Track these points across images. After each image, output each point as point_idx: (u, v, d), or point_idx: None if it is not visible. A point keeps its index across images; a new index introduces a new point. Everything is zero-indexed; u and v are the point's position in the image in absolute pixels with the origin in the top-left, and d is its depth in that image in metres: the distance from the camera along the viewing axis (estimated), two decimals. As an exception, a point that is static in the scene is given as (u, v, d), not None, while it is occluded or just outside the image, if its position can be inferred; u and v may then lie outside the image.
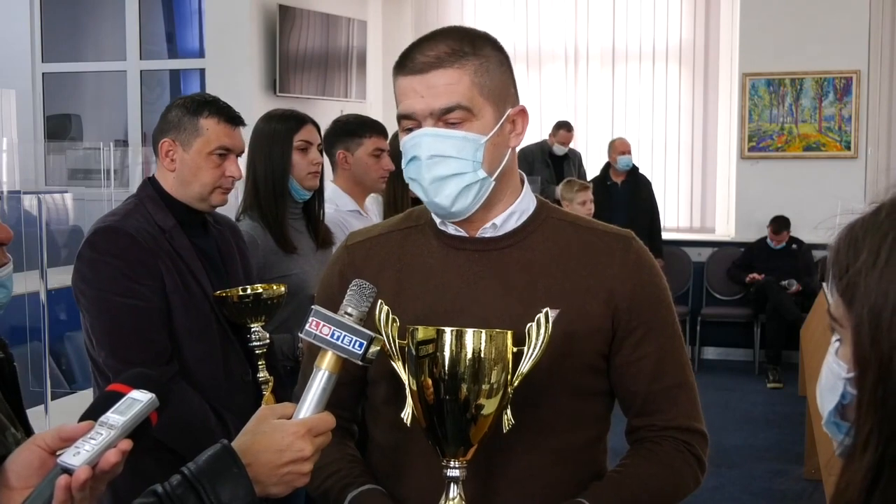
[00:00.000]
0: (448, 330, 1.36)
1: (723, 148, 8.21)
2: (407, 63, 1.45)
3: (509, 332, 1.37)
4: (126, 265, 2.17)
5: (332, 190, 3.24)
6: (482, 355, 1.35)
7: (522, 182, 1.57)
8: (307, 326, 1.31)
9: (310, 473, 1.28)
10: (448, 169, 1.44)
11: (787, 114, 7.76)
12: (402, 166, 1.50)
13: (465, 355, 1.34)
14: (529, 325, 1.36)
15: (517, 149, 1.56)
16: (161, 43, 8.41)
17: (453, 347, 1.35)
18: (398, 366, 1.39)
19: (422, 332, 1.36)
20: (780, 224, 7.49)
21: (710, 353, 8.04)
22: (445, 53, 1.43)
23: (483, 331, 1.36)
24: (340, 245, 1.67)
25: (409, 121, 1.46)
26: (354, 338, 1.29)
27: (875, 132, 7.63)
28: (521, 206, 1.54)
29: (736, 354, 7.93)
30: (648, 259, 1.56)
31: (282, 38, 6.79)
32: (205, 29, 7.26)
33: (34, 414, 3.12)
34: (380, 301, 1.40)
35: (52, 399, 3.29)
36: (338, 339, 1.30)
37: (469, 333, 1.35)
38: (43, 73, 8.08)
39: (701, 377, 7.68)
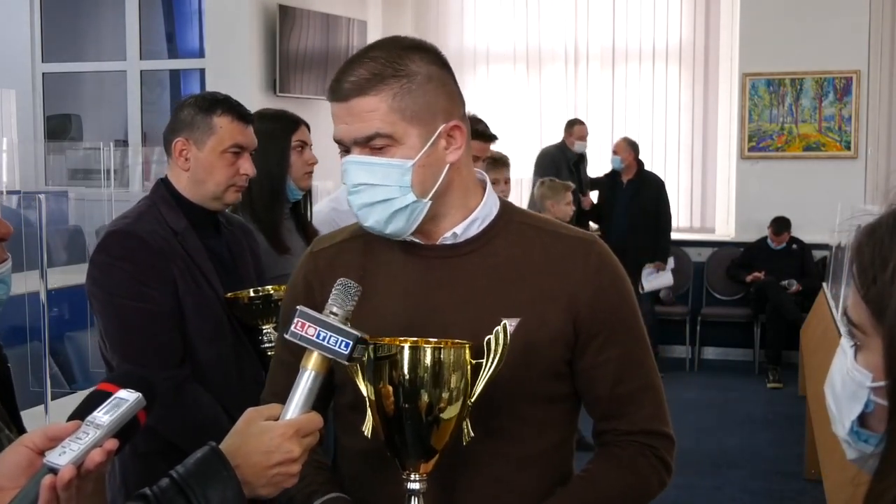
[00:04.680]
0: (405, 346, 1.35)
1: (723, 148, 8.21)
2: (333, 87, 1.44)
3: (467, 346, 1.36)
4: (136, 269, 2.17)
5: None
6: (440, 369, 1.34)
7: (484, 187, 1.55)
8: (292, 327, 1.29)
9: (298, 474, 1.28)
10: (374, 196, 1.43)
11: (787, 114, 7.77)
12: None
13: (424, 369, 1.34)
14: (488, 337, 1.35)
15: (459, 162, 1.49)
16: (161, 43, 8.41)
17: (411, 362, 1.34)
18: (358, 379, 1.38)
19: (380, 347, 1.36)
20: (780, 225, 7.49)
21: (710, 353, 8.04)
22: (365, 79, 1.41)
23: (441, 345, 1.35)
24: (307, 250, 1.66)
25: (341, 146, 1.46)
26: (340, 338, 1.28)
27: (875, 132, 7.63)
28: (483, 212, 1.52)
29: (736, 354, 7.93)
30: (610, 262, 1.54)
31: (282, 38, 6.79)
32: (205, 29, 7.26)
33: (34, 414, 3.12)
34: None
35: (52, 399, 3.28)
36: (323, 339, 1.28)
37: (427, 349, 1.35)
38: (43, 73, 8.09)
39: (701, 377, 7.73)
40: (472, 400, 1.36)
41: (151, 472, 1.37)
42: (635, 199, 7.40)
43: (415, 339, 1.38)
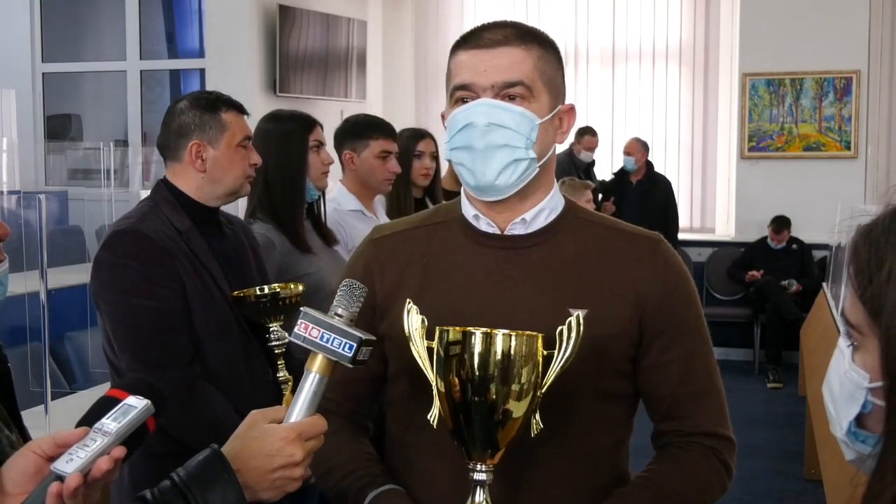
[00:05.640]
0: (478, 332, 1.33)
1: (723, 148, 8.21)
2: (472, 39, 1.48)
3: (540, 336, 1.34)
4: (145, 267, 2.16)
5: (337, 189, 3.24)
6: (512, 358, 1.32)
7: (552, 182, 1.57)
8: (296, 329, 1.28)
9: (302, 478, 1.27)
10: (503, 138, 1.44)
11: (787, 114, 7.76)
12: (447, 139, 1.50)
13: (495, 358, 1.32)
14: (560, 327, 1.35)
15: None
16: (161, 43, 8.41)
17: (483, 350, 1.32)
18: (425, 367, 1.37)
19: (451, 334, 1.34)
20: (780, 223, 7.49)
21: (710, 353, 8.02)
22: (514, 34, 1.47)
23: (513, 334, 1.33)
24: (366, 239, 1.65)
25: (465, 91, 1.47)
26: (344, 340, 1.26)
27: (875, 132, 7.63)
28: (551, 203, 1.54)
29: (736, 354, 7.93)
30: (676, 262, 1.55)
31: (282, 38, 6.79)
32: (205, 29, 7.26)
33: (34, 414, 3.12)
34: (408, 300, 1.39)
35: (52, 399, 3.28)
36: (327, 341, 1.26)
37: (499, 336, 1.33)
38: (43, 73, 8.09)
39: (701, 377, 7.66)
40: (542, 392, 1.35)
41: (163, 475, 1.37)
42: (645, 199, 7.41)
43: (485, 328, 1.35)
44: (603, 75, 8.48)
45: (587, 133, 7.58)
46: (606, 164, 8.13)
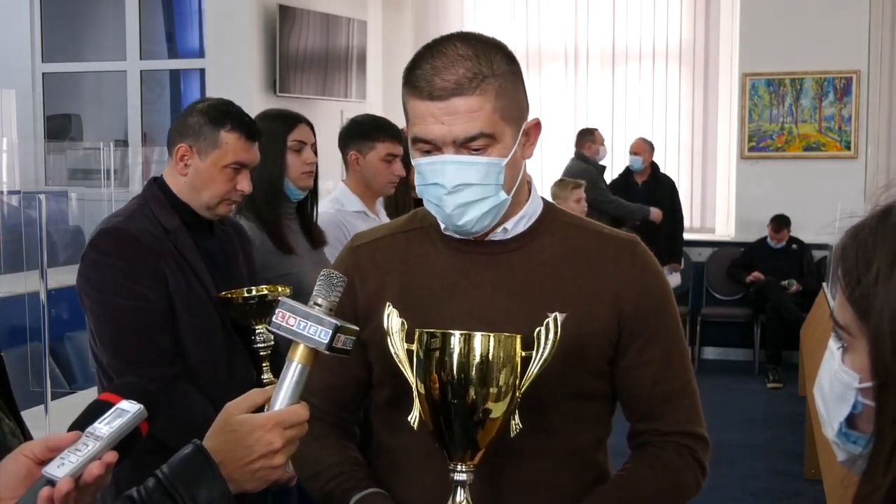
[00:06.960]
0: (456, 333, 1.34)
1: (723, 148, 8.21)
2: (423, 86, 1.40)
3: (518, 337, 1.36)
4: (129, 266, 2.18)
5: (340, 190, 3.23)
6: (490, 359, 1.34)
7: (530, 186, 1.57)
8: (274, 318, 1.29)
9: (283, 466, 1.26)
10: (472, 196, 1.43)
11: (787, 114, 7.76)
12: (416, 184, 1.47)
13: (474, 359, 1.33)
14: (538, 329, 1.35)
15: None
16: (161, 43, 8.41)
17: (462, 351, 1.33)
18: (405, 369, 1.38)
19: (431, 335, 1.35)
20: (780, 222, 7.49)
21: (710, 353, 8.03)
22: (467, 79, 1.39)
23: (491, 335, 1.34)
24: (346, 246, 1.66)
25: (427, 145, 1.43)
26: (320, 327, 1.26)
27: (875, 132, 7.63)
28: (530, 209, 1.54)
29: (736, 354, 7.93)
30: (653, 264, 1.57)
31: (282, 38, 6.79)
32: (205, 29, 7.25)
33: (34, 414, 3.12)
34: (388, 304, 1.40)
35: (52, 399, 3.28)
36: (303, 329, 1.27)
37: (477, 337, 1.34)
38: (43, 73, 8.08)
39: (701, 377, 7.63)
40: (521, 392, 1.36)
41: (143, 471, 1.37)
42: (650, 200, 7.40)
43: (464, 331, 1.36)
44: (603, 75, 8.47)
45: (594, 131, 7.50)
46: (606, 164, 8.11)
